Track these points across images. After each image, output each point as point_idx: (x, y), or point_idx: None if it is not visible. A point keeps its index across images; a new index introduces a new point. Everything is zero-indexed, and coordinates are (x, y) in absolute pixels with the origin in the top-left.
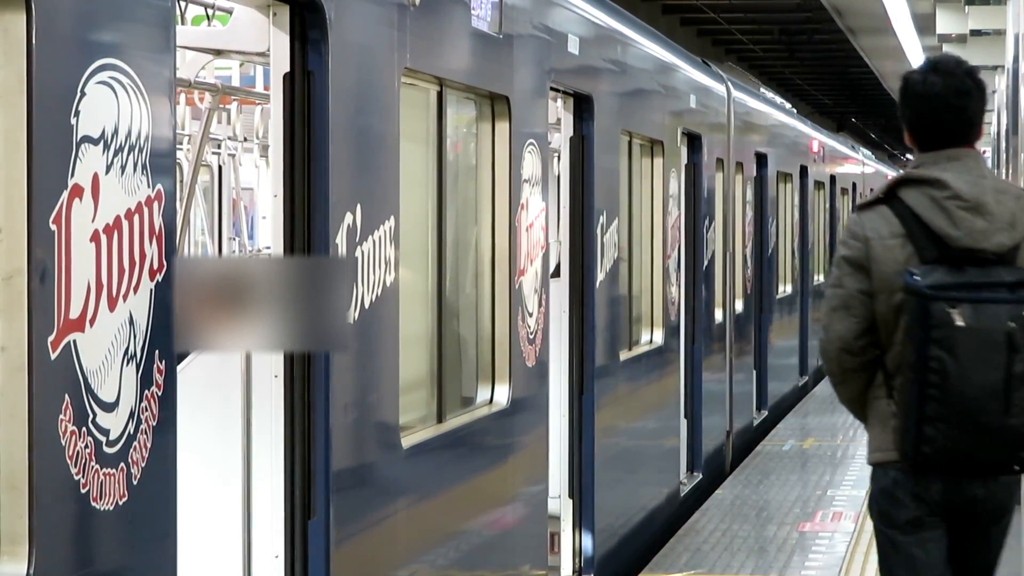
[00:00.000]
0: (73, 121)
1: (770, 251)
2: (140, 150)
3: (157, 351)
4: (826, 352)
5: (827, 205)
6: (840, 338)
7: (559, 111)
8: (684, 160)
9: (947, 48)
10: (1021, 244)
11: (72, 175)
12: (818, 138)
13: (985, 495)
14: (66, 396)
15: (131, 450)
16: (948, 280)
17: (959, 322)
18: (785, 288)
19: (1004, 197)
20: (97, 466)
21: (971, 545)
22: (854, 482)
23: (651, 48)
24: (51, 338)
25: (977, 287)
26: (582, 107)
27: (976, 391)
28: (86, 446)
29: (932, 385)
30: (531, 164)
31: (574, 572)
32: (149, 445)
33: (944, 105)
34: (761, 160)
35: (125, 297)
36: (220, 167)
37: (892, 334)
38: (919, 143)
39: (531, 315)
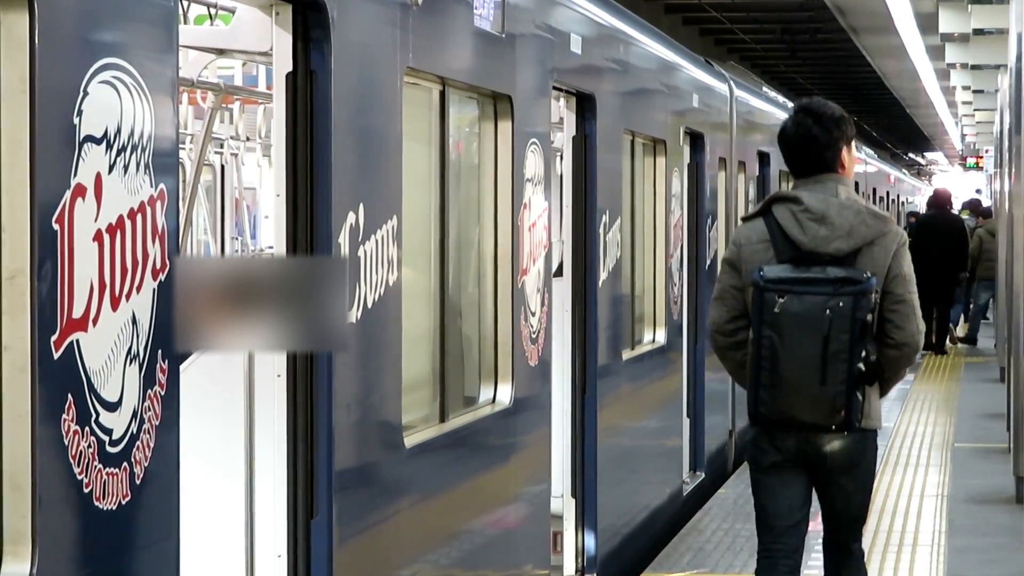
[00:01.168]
0: (76, 120)
1: None
2: (143, 150)
3: (160, 351)
4: (708, 333)
5: None
6: (714, 322)
7: (561, 110)
8: (687, 159)
9: (949, 47)
10: (861, 249)
11: (75, 175)
12: None
13: (831, 449)
14: (69, 396)
15: (134, 450)
16: (784, 275)
17: (777, 309)
18: None
19: (846, 212)
20: (100, 466)
21: (828, 490)
22: None
23: (653, 47)
24: (54, 338)
25: (807, 282)
26: (585, 106)
27: (797, 365)
28: (89, 446)
29: (764, 358)
30: (534, 163)
31: (576, 571)
32: (152, 445)
33: (795, 147)
34: (764, 159)
35: (128, 297)
36: (222, 166)
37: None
38: (790, 171)
39: (533, 314)
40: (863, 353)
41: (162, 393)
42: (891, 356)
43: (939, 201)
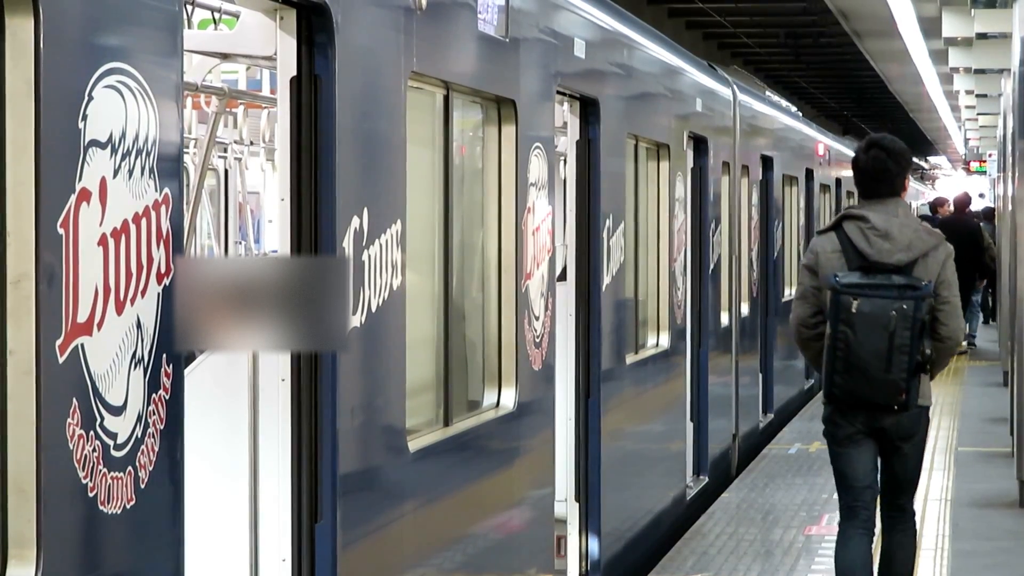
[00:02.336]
0: (81, 125)
1: (776, 254)
2: (147, 154)
3: (164, 355)
4: (793, 326)
5: (833, 208)
6: (799, 318)
7: (565, 115)
8: (690, 163)
9: (953, 51)
10: (917, 260)
11: (80, 179)
12: (824, 141)
13: (892, 423)
14: (74, 400)
15: (139, 454)
16: (857, 281)
17: (853, 310)
18: (791, 291)
19: (905, 229)
20: (105, 470)
21: (891, 457)
22: None
23: (657, 52)
24: (59, 342)
25: (876, 287)
26: (588, 111)
27: (867, 355)
28: (94, 450)
29: (839, 349)
30: (537, 168)
31: (580, 575)
32: (157, 449)
33: (870, 176)
34: (767, 163)
35: (133, 301)
36: (226, 171)
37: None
38: (860, 194)
39: (537, 319)
40: (920, 347)
41: (167, 397)
42: (937, 347)
43: (959, 205)
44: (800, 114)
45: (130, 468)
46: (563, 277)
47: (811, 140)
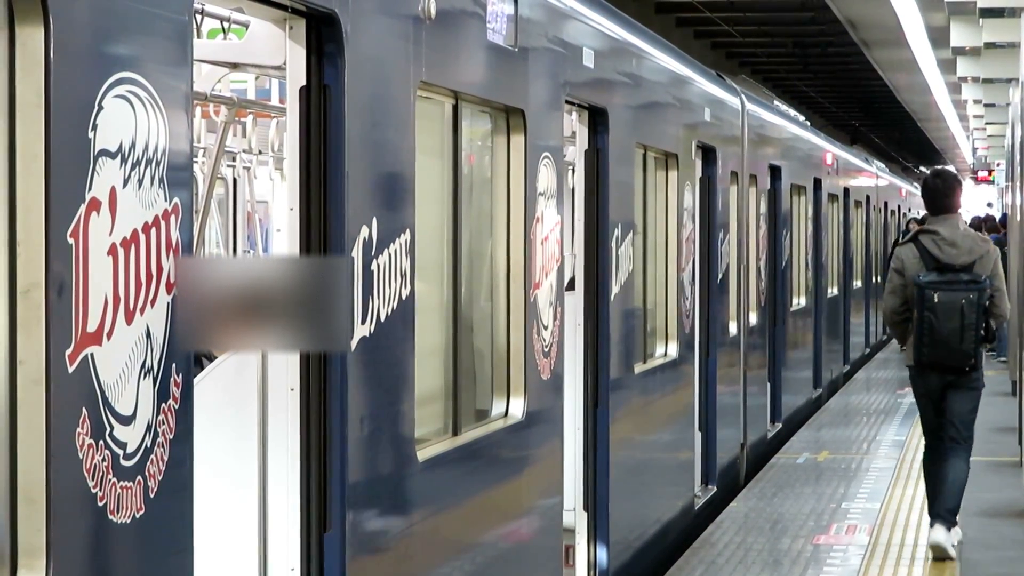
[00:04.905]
0: (91, 135)
1: (784, 264)
2: (157, 164)
3: (174, 364)
4: (886, 314)
5: (841, 218)
6: (890, 307)
7: (574, 124)
8: (698, 173)
9: (961, 61)
10: (976, 262)
11: (89, 189)
12: (832, 151)
13: (955, 380)
14: (83, 409)
15: (148, 463)
16: (935, 279)
17: (935, 300)
18: (799, 301)
19: (966, 238)
20: (114, 479)
21: (953, 403)
22: (868, 495)
23: (665, 61)
24: (68, 351)
25: (949, 283)
26: (597, 120)
27: (946, 332)
28: (103, 459)
29: (925, 329)
30: (546, 177)
31: None
32: (166, 458)
33: (939, 196)
34: (775, 173)
35: (142, 311)
36: (235, 180)
37: (914, 305)
38: (929, 211)
39: (546, 328)
40: (983, 325)
41: (176, 407)
42: (992, 320)
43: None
44: (808, 123)
45: (139, 477)
46: (572, 286)
47: (819, 150)
